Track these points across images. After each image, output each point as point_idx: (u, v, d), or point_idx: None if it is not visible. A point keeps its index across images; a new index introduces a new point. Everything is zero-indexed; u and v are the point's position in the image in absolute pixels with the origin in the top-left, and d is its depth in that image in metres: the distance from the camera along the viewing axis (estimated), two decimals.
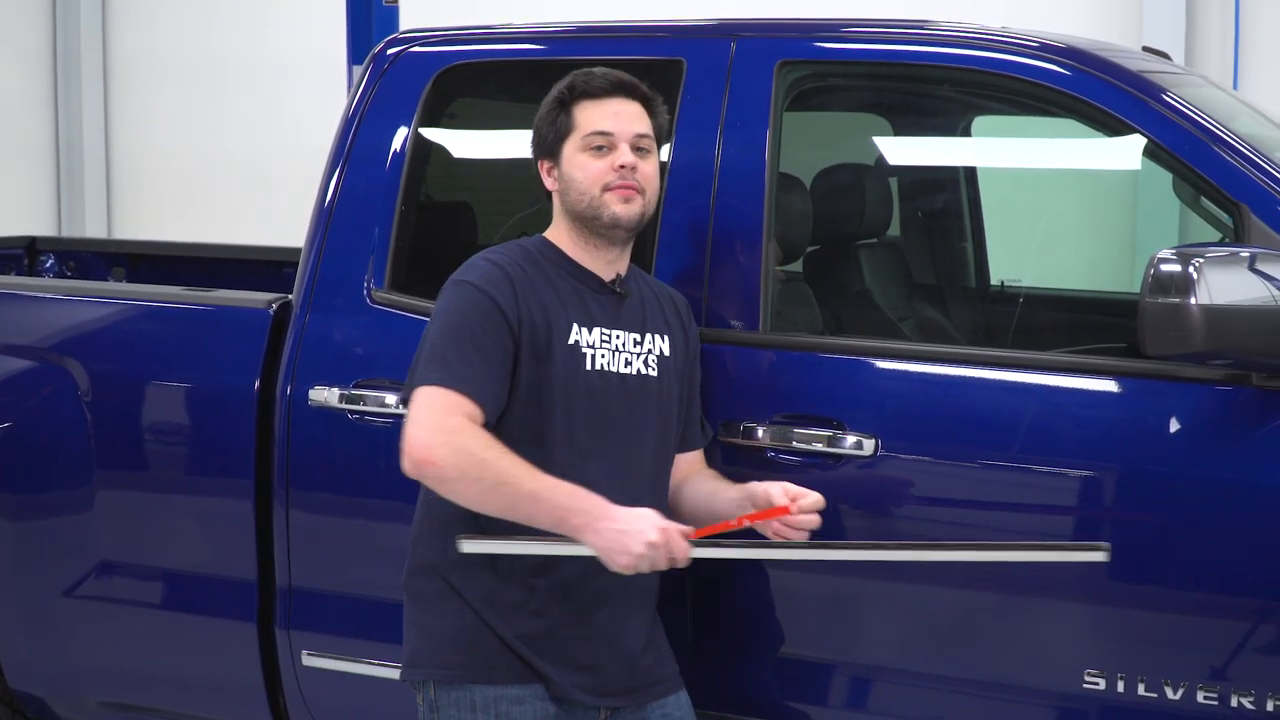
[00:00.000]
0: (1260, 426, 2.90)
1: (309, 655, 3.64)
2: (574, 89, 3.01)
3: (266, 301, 3.73)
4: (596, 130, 2.97)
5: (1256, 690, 2.88)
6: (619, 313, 3.01)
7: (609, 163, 2.95)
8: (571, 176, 2.98)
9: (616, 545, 2.73)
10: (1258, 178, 3.01)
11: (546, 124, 3.03)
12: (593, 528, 2.74)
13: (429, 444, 2.77)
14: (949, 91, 3.66)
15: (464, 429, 2.78)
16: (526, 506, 2.77)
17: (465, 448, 2.77)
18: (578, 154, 2.98)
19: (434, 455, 2.77)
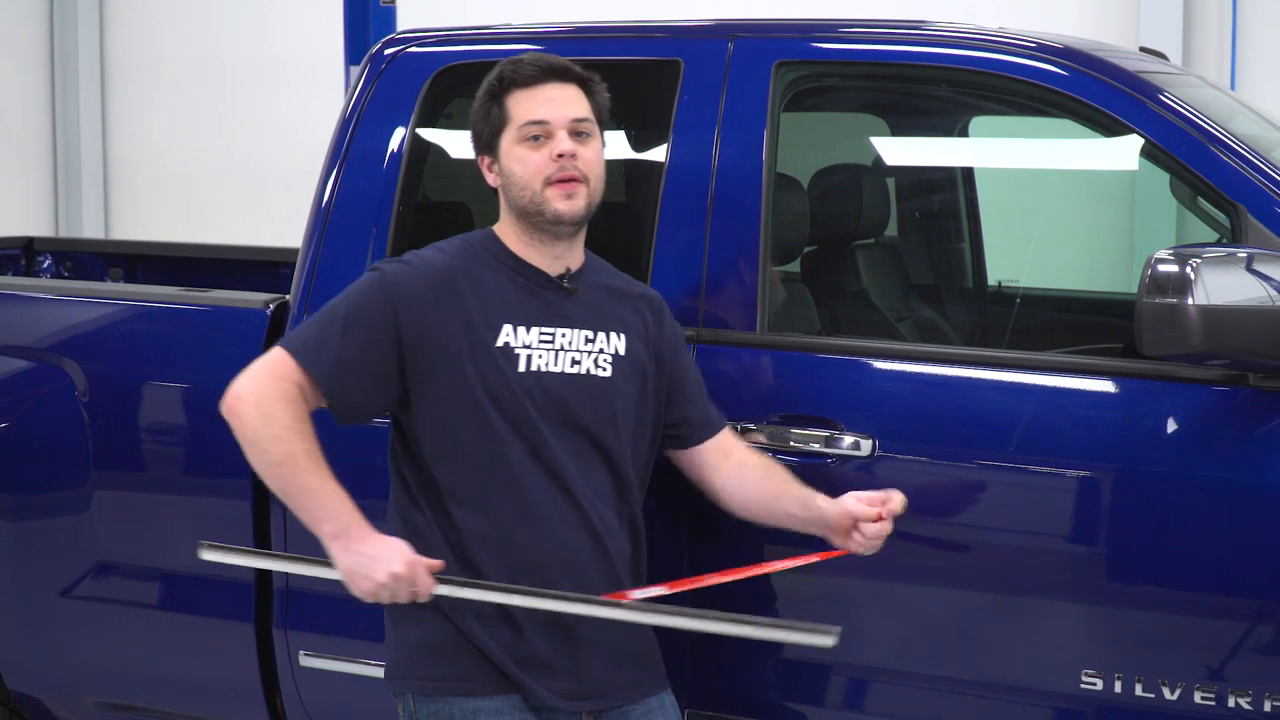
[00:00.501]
0: (1257, 427, 2.90)
1: (306, 656, 3.64)
2: (504, 79, 2.93)
3: (263, 302, 3.73)
4: (531, 120, 2.89)
5: (1254, 691, 2.88)
6: (566, 310, 2.93)
7: (547, 153, 2.88)
8: (511, 171, 2.91)
9: (359, 569, 2.75)
10: (1255, 178, 3.01)
11: (480, 118, 2.95)
12: (342, 543, 2.76)
13: (242, 395, 2.80)
14: (946, 92, 3.66)
15: (283, 397, 2.79)
16: (296, 497, 2.81)
17: (272, 415, 2.78)
18: (515, 147, 2.90)
19: (241, 408, 2.80)
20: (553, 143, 2.88)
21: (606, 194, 4.13)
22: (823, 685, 3.24)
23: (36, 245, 5.75)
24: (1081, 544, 3.05)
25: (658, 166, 3.43)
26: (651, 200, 3.42)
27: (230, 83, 10.77)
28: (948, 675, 3.13)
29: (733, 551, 3.23)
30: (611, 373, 2.92)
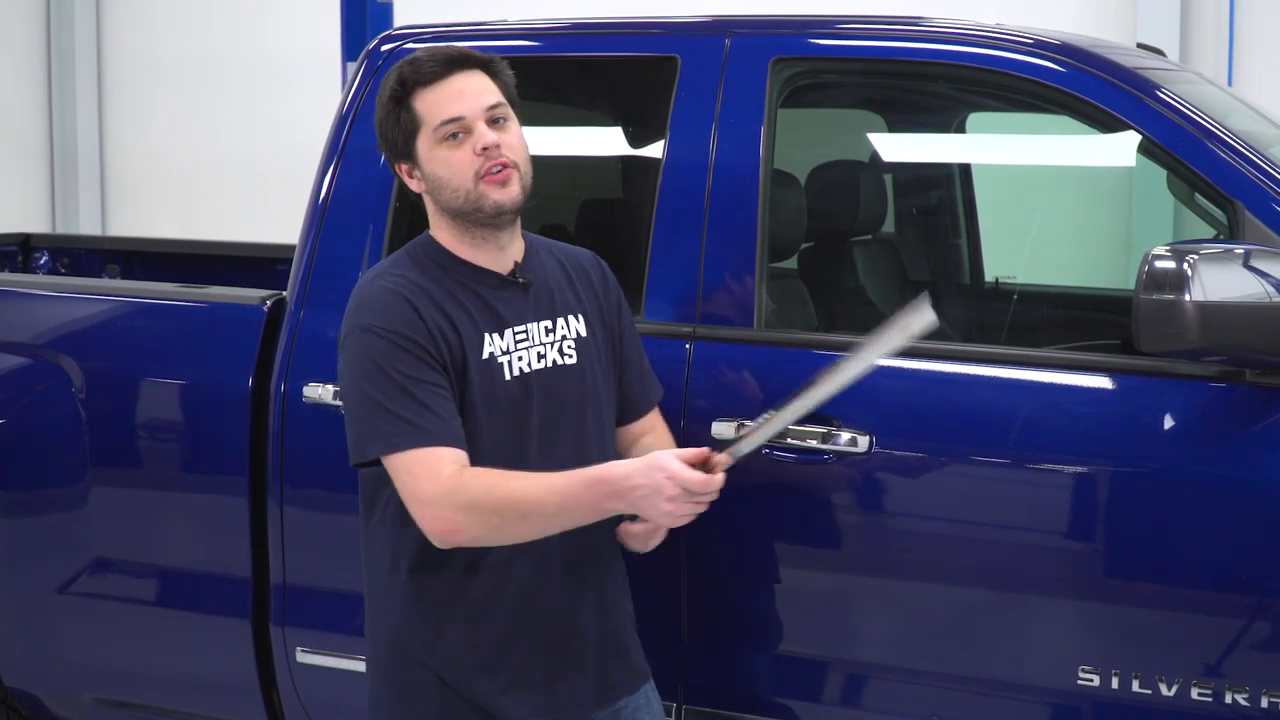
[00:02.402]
0: (1254, 423, 2.90)
1: (303, 652, 3.64)
2: (405, 82, 2.76)
3: (260, 298, 3.73)
4: (446, 119, 2.74)
5: (1251, 687, 2.88)
6: (525, 304, 2.82)
7: (470, 148, 2.73)
8: (437, 175, 2.76)
9: (654, 511, 2.63)
10: (1252, 174, 3.01)
11: (390, 126, 2.78)
12: (629, 501, 2.63)
13: (443, 517, 2.62)
14: (944, 88, 3.66)
15: (461, 485, 2.62)
16: (561, 521, 2.67)
17: (474, 503, 2.62)
18: (435, 149, 2.75)
19: (454, 525, 2.63)
20: (473, 137, 2.73)
21: (604, 190, 4.16)
22: (820, 681, 3.24)
23: (33, 242, 5.74)
24: (1079, 540, 3.05)
25: (655, 163, 3.43)
26: (649, 197, 3.41)
27: (227, 79, 10.77)
28: (945, 671, 3.13)
29: (732, 549, 3.24)
30: (576, 358, 2.86)
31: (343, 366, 2.74)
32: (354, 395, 2.71)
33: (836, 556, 3.21)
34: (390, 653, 2.84)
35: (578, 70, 3.82)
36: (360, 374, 2.69)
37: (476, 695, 2.78)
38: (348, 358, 2.73)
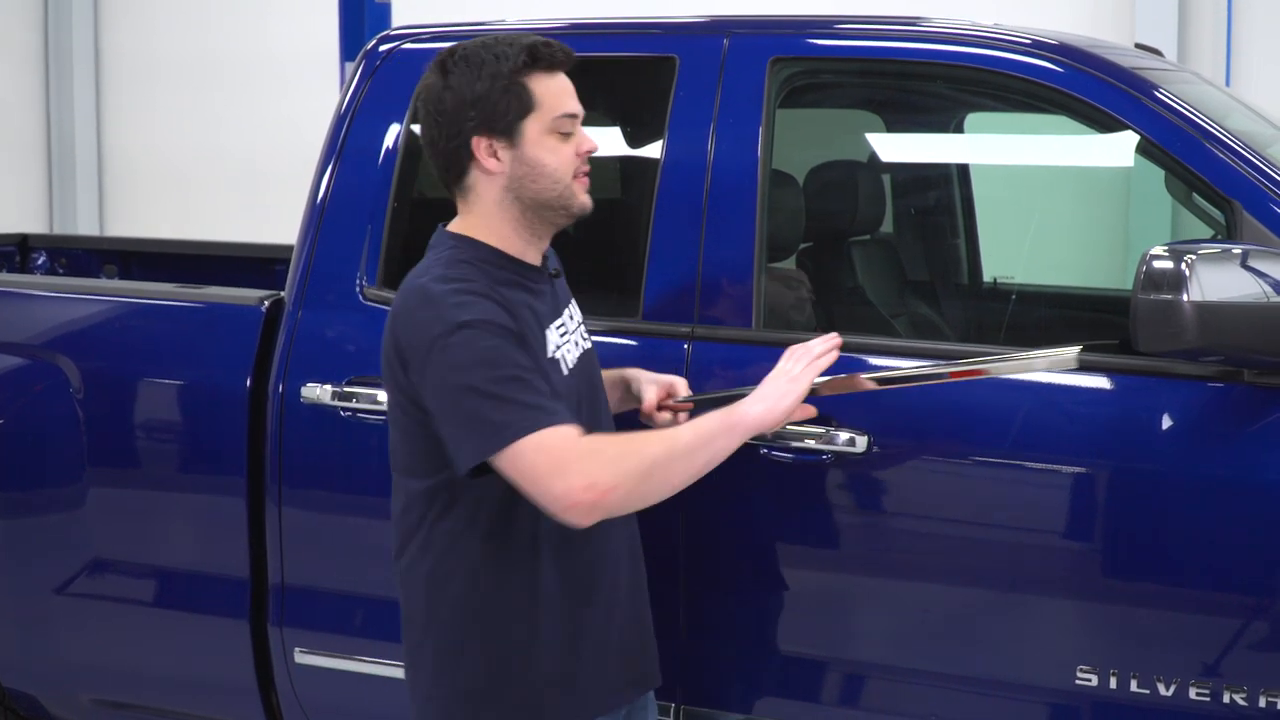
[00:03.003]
0: (1252, 423, 2.90)
1: (302, 653, 3.63)
2: (537, 57, 2.69)
3: (259, 299, 3.72)
4: (567, 113, 2.72)
5: (1249, 686, 2.89)
6: (555, 298, 2.83)
7: (574, 148, 2.73)
8: (540, 161, 2.70)
9: (780, 412, 2.72)
10: (1250, 174, 3.01)
11: (498, 94, 2.66)
12: (746, 414, 2.69)
13: (592, 481, 2.51)
14: (942, 88, 3.66)
15: (600, 446, 2.57)
16: (700, 458, 2.64)
17: (621, 455, 2.56)
18: (545, 136, 2.70)
19: (605, 485, 2.52)
20: (578, 138, 2.74)
21: (603, 190, 4.14)
22: (818, 681, 3.24)
23: (31, 242, 5.75)
24: (1077, 540, 3.05)
25: (653, 163, 3.43)
26: (647, 196, 3.41)
27: (225, 79, 10.77)
28: (944, 671, 3.13)
29: (730, 549, 3.24)
30: (589, 341, 2.90)
31: (442, 372, 2.56)
32: (464, 395, 2.55)
33: (835, 556, 3.21)
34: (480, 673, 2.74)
35: (576, 70, 3.81)
36: (469, 372, 2.55)
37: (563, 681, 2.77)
38: (450, 360, 2.56)
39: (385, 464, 3.52)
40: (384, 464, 3.52)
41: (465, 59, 2.70)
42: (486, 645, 2.73)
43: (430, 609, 2.76)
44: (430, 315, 2.60)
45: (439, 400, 2.58)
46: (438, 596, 2.75)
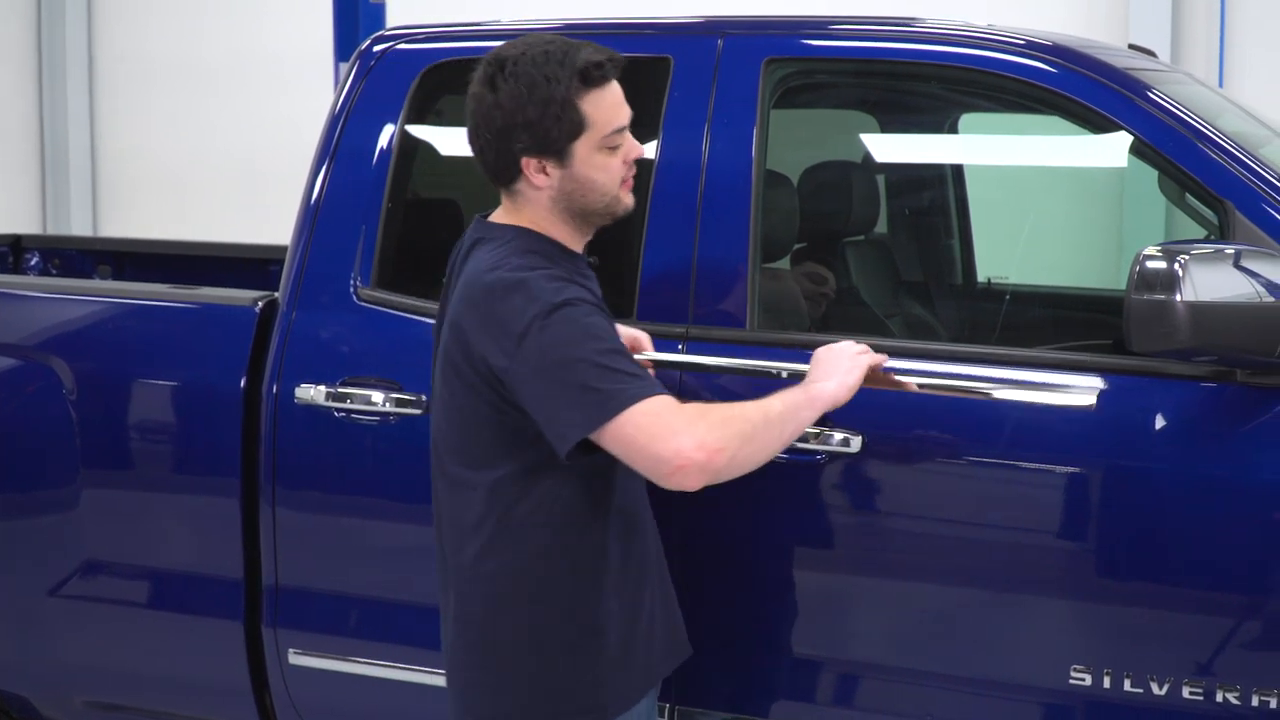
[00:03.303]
0: (1245, 423, 2.90)
1: (296, 654, 3.63)
2: (589, 79, 2.69)
3: (252, 299, 3.72)
4: (618, 129, 2.73)
5: (1242, 685, 2.89)
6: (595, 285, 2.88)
7: (622, 157, 2.76)
8: (590, 179, 2.73)
9: (849, 387, 2.81)
10: (1243, 175, 3.01)
11: (550, 121, 2.68)
12: (823, 389, 2.78)
13: (702, 441, 2.55)
14: (936, 89, 3.66)
15: (705, 409, 2.63)
16: (789, 427, 2.72)
17: (727, 418, 2.61)
18: (595, 154, 2.72)
19: (715, 445, 2.56)
20: (626, 146, 2.76)
21: None
22: (813, 681, 3.24)
23: (24, 243, 5.74)
24: (1071, 540, 3.05)
25: (647, 163, 3.42)
26: (641, 196, 3.40)
27: (219, 80, 10.76)
28: (939, 671, 3.13)
29: (724, 549, 3.24)
30: None
31: (543, 350, 2.58)
32: (571, 368, 2.57)
33: (829, 556, 3.21)
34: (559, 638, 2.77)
35: None
36: (575, 345, 2.58)
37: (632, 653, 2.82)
38: (553, 338, 2.58)
39: (379, 464, 3.54)
40: (378, 464, 3.54)
41: (515, 76, 2.69)
42: (564, 631, 2.76)
43: (500, 603, 2.76)
44: (523, 299, 2.61)
45: (540, 380, 2.59)
46: (511, 589, 2.75)
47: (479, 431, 2.73)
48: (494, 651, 2.78)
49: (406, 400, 3.45)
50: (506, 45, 2.76)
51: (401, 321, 3.54)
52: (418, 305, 3.53)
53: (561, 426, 2.59)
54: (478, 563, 2.76)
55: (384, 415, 3.48)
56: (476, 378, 2.69)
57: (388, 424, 3.48)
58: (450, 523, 2.81)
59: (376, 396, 3.47)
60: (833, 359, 2.87)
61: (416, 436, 3.45)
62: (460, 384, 2.72)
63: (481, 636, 2.79)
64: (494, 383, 2.66)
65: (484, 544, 2.75)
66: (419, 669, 3.49)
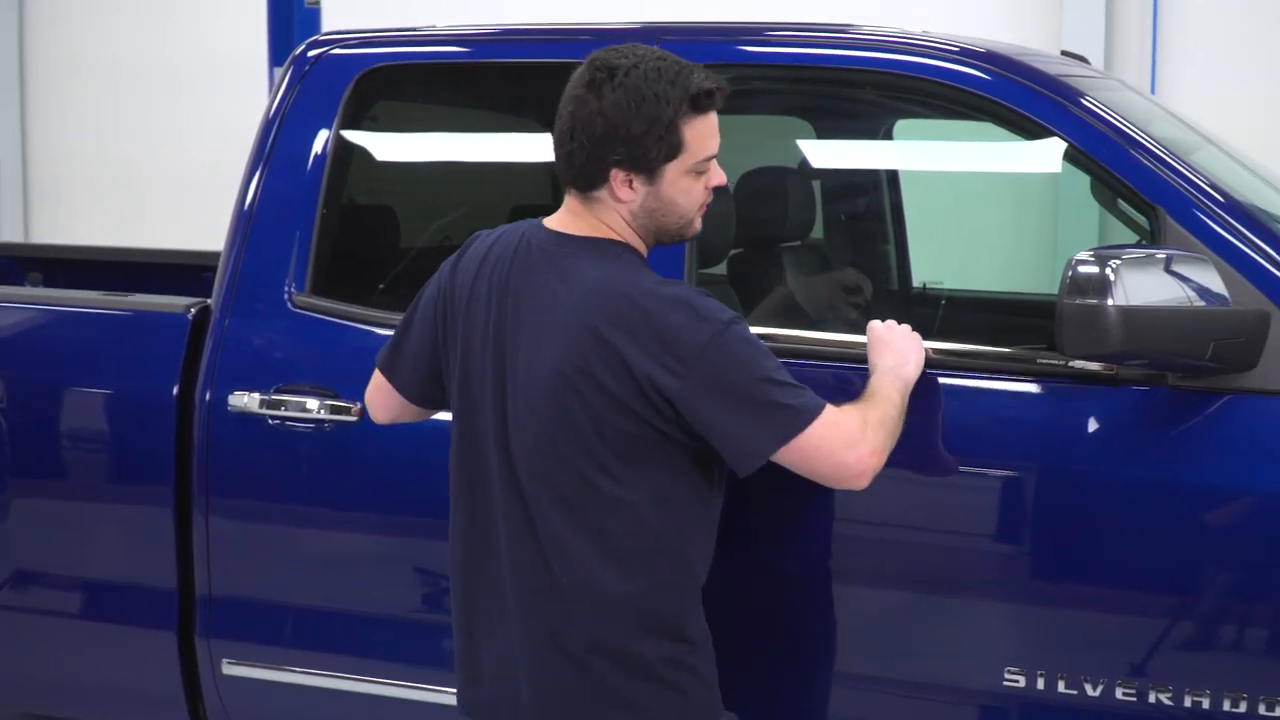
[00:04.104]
0: (1176, 426, 2.93)
1: (229, 664, 3.61)
2: (698, 106, 2.68)
3: (185, 306, 3.69)
4: (709, 156, 2.73)
5: (1174, 686, 2.91)
6: None
7: (704, 183, 2.75)
8: (674, 200, 2.71)
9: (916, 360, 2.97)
10: (1174, 181, 3.04)
11: (652, 140, 2.64)
12: (907, 372, 2.92)
13: (874, 447, 2.68)
14: (871, 95, 3.67)
15: (862, 418, 2.71)
16: (902, 415, 2.84)
17: (881, 421, 2.74)
18: (683, 178, 2.70)
19: (882, 447, 2.71)
20: (711, 173, 2.76)
21: (535, 197, 4.15)
22: (745, 686, 3.24)
23: None
24: (1005, 543, 3.07)
25: None
26: None
27: (153, 84, 10.67)
28: (872, 674, 3.14)
29: None
30: None
31: (725, 367, 2.59)
32: (758, 386, 2.60)
33: (763, 561, 3.21)
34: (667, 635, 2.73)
35: (507, 76, 3.82)
36: (757, 363, 2.62)
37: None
38: (736, 356, 2.60)
39: (314, 472, 3.52)
40: (313, 472, 3.52)
41: (625, 88, 2.64)
42: (700, 640, 2.79)
43: (648, 625, 2.71)
44: (689, 317, 2.61)
45: (722, 399, 2.59)
46: (651, 610, 2.71)
47: (612, 444, 2.65)
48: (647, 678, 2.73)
49: (342, 408, 3.44)
50: (614, 52, 2.71)
51: (337, 328, 3.52)
52: (353, 312, 3.52)
53: (749, 444, 2.62)
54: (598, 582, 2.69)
55: (319, 423, 3.46)
56: (626, 391, 2.62)
57: (323, 431, 3.46)
58: (542, 547, 2.69)
59: (311, 404, 3.45)
60: (899, 339, 2.99)
61: (352, 444, 3.44)
62: (598, 395, 2.63)
63: (624, 659, 2.71)
64: (656, 402, 2.62)
65: (604, 563, 2.68)
66: (355, 678, 3.47)
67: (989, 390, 3.09)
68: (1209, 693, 2.89)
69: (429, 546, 3.45)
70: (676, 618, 2.74)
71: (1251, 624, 2.91)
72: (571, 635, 2.69)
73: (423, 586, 3.47)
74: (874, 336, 3.01)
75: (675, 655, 2.73)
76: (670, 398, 2.60)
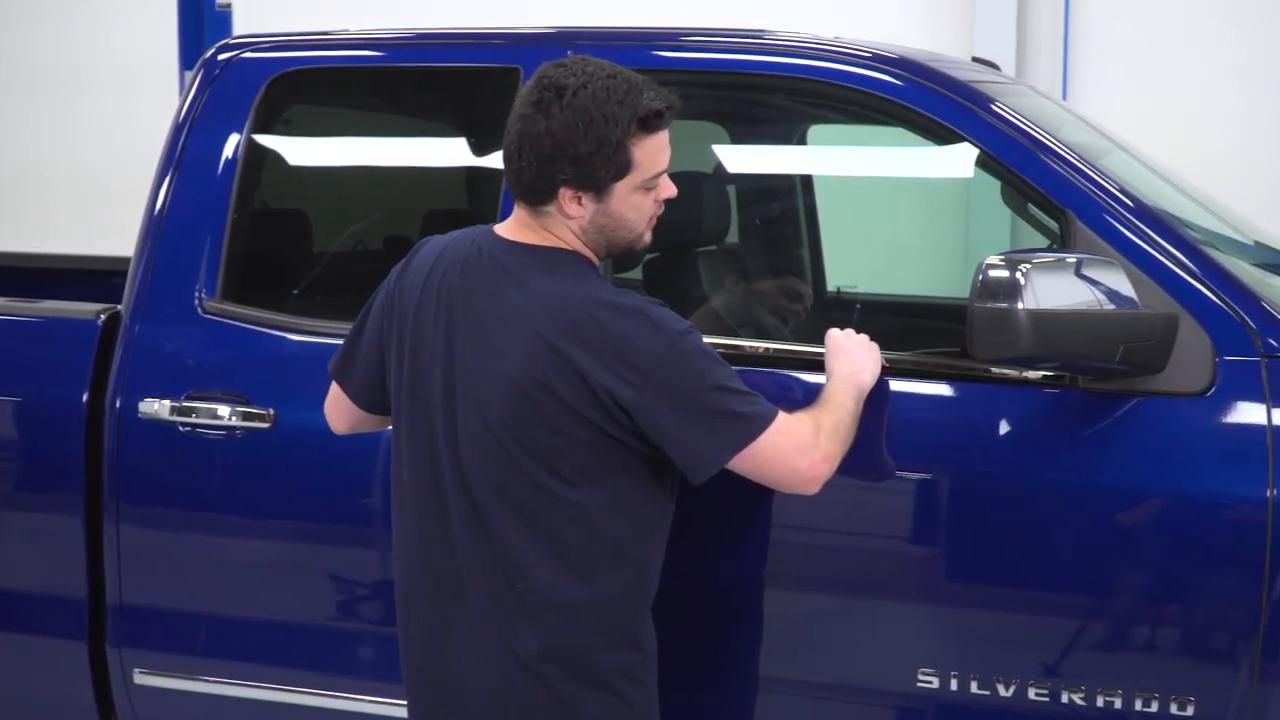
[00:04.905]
0: (1085, 428, 2.96)
1: (141, 673, 3.57)
2: (647, 126, 2.66)
3: (95, 312, 3.65)
4: (658, 172, 2.72)
5: (1086, 686, 2.95)
6: None
7: (654, 197, 2.76)
8: (623, 216, 2.72)
9: (866, 373, 2.96)
10: (1083, 185, 3.07)
11: (600, 160, 2.64)
12: (863, 379, 2.94)
13: (826, 453, 2.72)
14: (784, 100, 3.69)
15: (814, 424, 2.74)
16: (855, 428, 2.87)
17: (834, 426, 2.77)
18: (633, 194, 2.71)
19: (833, 454, 2.74)
20: (661, 187, 2.76)
21: (448, 201, 4.13)
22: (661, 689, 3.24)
23: None
24: (918, 545, 3.09)
25: (497, 173, 3.41)
26: (491, 206, 3.41)
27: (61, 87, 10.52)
28: (786, 677, 3.15)
29: None
30: None
31: (680, 377, 2.60)
32: (711, 394, 2.62)
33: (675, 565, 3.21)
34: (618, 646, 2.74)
35: (420, 80, 3.80)
36: (712, 372, 2.63)
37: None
38: (691, 365, 2.61)
39: (226, 479, 3.49)
40: (225, 479, 3.49)
41: (573, 107, 2.62)
42: (651, 652, 2.81)
43: (603, 632, 2.72)
44: (645, 327, 2.61)
45: (677, 409, 2.60)
46: (607, 619, 2.72)
47: (568, 452, 2.65)
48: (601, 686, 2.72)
49: (254, 414, 3.41)
50: (563, 69, 2.68)
51: (248, 334, 3.49)
52: (265, 317, 3.49)
53: (704, 453, 2.63)
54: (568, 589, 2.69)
55: (230, 429, 3.43)
56: (582, 401, 2.61)
57: (234, 438, 3.43)
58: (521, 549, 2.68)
59: (223, 410, 3.42)
60: (856, 347, 3.00)
61: (264, 451, 3.41)
62: (552, 404, 2.62)
63: (577, 668, 2.71)
64: (612, 411, 2.61)
65: (570, 573, 2.68)
66: (268, 686, 3.45)
67: (901, 393, 3.11)
68: (1120, 693, 2.93)
69: (343, 554, 3.44)
70: (633, 626, 2.75)
71: (1162, 625, 2.94)
72: (526, 642, 2.68)
73: (337, 594, 3.45)
74: (832, 344, 3.02)
75: (628, 666, 2.74)
76: (626, 407, 2.61)
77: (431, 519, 2.74)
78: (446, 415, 2.70)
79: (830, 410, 2.81)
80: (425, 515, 2.75)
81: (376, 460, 3.34)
